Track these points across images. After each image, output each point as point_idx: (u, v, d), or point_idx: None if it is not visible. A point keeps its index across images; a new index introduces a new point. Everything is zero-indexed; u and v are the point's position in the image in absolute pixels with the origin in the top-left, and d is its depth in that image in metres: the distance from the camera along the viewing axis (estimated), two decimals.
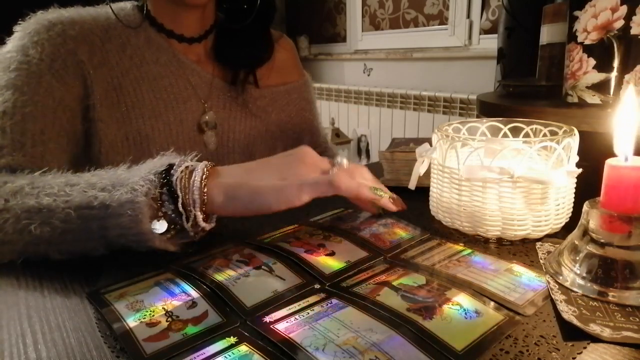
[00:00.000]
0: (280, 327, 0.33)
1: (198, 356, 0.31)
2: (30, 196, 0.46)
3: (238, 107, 0.76)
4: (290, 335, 0.32)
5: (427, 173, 0.54)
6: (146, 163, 0.47)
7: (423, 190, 0.56)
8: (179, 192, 0.44)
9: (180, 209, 0.44)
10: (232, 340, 0.32)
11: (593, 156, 0.43)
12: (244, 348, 0.31)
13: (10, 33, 0.62)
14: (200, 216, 0.45)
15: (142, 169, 0.46)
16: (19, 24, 0.63)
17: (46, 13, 0.64)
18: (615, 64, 0.52)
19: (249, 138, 0.77)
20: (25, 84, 0.59)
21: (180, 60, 0.71)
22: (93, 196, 0.44)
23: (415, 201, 0.59)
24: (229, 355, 0.30)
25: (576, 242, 0.40)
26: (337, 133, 2.57)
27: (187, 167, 0.45)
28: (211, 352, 0.31)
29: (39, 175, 0.50)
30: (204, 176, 0.45)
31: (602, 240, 0.38)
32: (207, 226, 0.46)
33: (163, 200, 0.44)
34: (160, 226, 0.44)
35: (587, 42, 0.53)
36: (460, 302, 0.35)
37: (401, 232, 0.50)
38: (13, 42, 0.62)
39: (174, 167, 0.45)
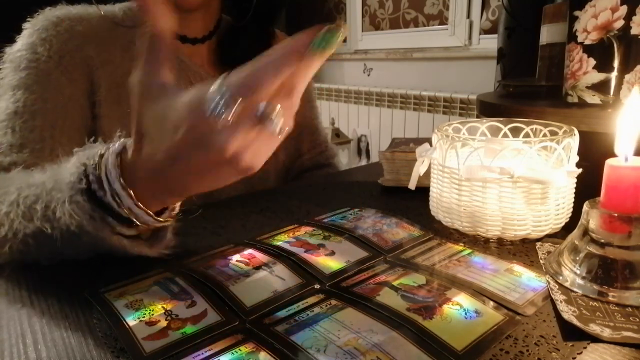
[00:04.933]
0: (280, 329, 0.33)
1: (203, 353, 0.31)
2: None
3: None
4: (291, 337, 0.32)
5: (427, 173, 0.54)
6: (60, 170, 0.41)
7: (423, 190, 0.56)
8: (100, 190, 0.38)
9: (110, 200, 0.39)
10: (239, 337, 0.32)
11: (593, 156, 0.43)
12: (250, 346, 0.31)
13: (19, 31, 0.63)
14: (121, 188, 0.38)
15: (62, 186, 0.40)
16: (28, 21, 0.64)
17: (54, 9, 0.65)
18: (615, 64, 0.52)
19: None
20: (35, 82, 0.60)
21: (183, 62, 0.71)
22: (43, 226, 0.41)
23: (415, 201, 0.59)
24: (235, 353, 0.30)
25: (576, 242, 0.40)
26: (337, 133, 2.57)
27: (100, 156, 0.39)
28: (216, 350, 0.31)
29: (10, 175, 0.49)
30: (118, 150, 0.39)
31: (602, 240, 0.38)
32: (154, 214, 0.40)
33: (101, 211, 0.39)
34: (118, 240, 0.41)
35: (587, 42, 0.53)
36: (460, 302, 0.35)
37: (404, 231, 0.50)
38: (22, 40, 0.62)
39: (86, 171, 0.39)
